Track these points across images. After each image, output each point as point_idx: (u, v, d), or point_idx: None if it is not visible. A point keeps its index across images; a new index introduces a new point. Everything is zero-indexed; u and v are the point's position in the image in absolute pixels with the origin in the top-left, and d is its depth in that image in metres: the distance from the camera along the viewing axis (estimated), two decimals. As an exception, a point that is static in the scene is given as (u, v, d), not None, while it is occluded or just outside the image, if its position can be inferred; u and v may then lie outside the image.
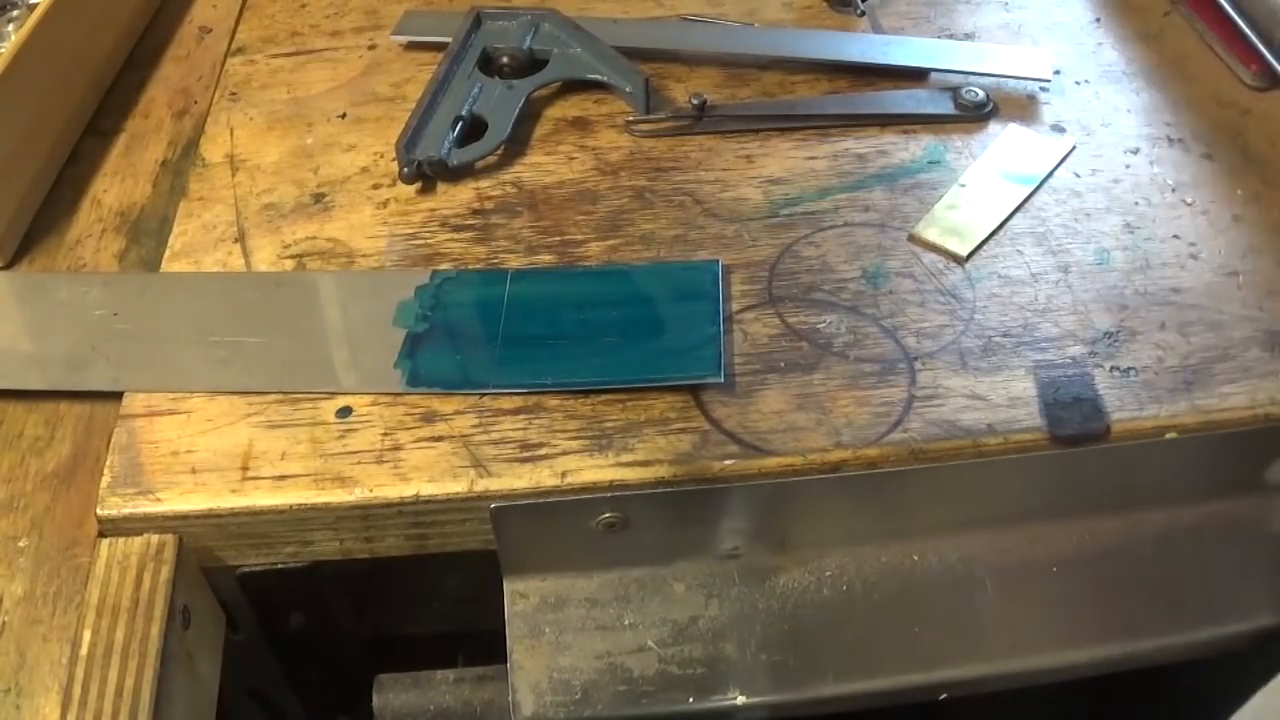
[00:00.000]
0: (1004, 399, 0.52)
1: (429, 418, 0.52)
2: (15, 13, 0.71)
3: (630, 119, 0.68)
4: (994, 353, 0.54)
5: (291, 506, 0.50)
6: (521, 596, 0.53)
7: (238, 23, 0.78)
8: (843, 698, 0.52)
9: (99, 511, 0.49)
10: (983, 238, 0.60)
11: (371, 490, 0.50)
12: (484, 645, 0.55)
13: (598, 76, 0.70)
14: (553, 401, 0.53)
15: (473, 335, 0.54)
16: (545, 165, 0.66)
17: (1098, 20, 0.75)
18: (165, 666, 0.45)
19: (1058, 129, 0.67)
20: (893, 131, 0.67)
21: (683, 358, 0.53)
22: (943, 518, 0.54)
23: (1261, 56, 0.69)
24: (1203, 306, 0.56)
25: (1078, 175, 0.64)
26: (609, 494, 0.50)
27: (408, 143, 0.64)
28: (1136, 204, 0.62)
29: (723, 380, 0.52)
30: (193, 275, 0.59)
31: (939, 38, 0.73)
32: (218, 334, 0.55)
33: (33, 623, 0.47)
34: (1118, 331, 0.55)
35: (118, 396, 0.54)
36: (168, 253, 0.61)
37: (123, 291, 0.57)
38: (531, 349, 0.54)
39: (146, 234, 0.63)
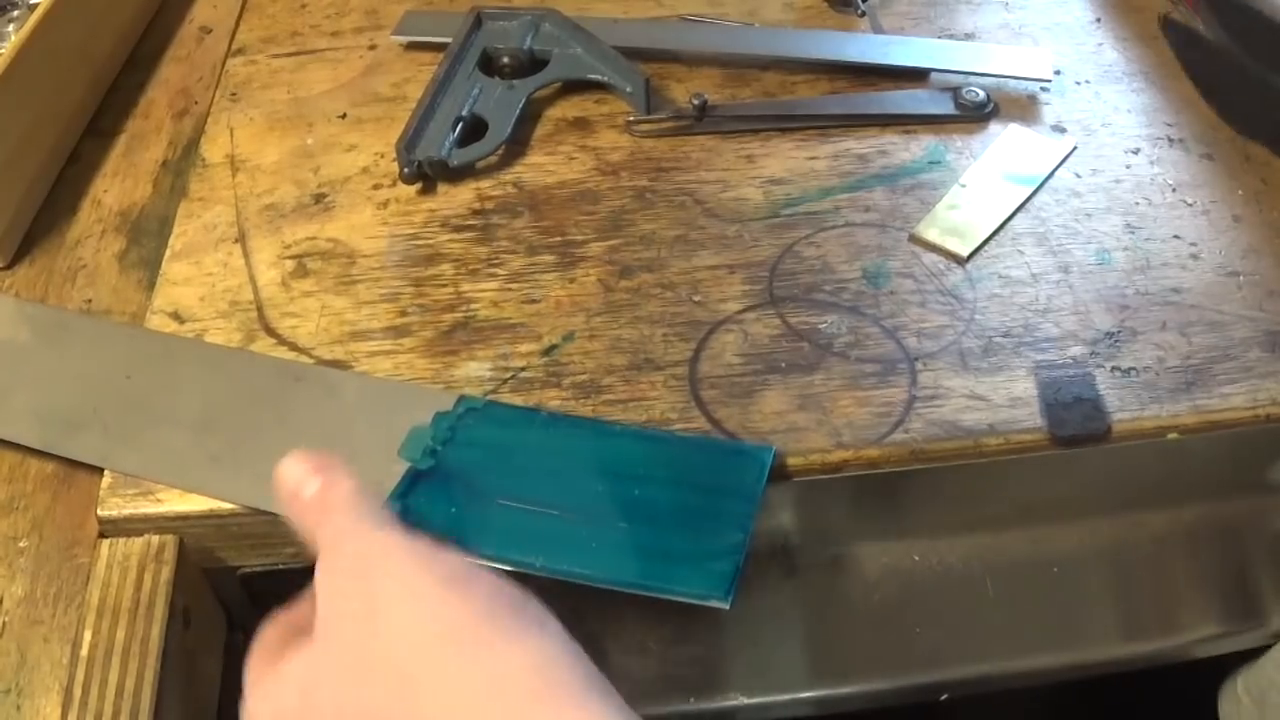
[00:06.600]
0: (1005, 399, 0.52)
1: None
2: (15, 13, 0.71)
3: (631, 119, 0.68)
4: (995, 353, 0.54)
5: (292, 507, 0.50)
6: (522, 597, 0.53)
7: (238, 23, 0.78)
8: (843, 698, 0.52)
9: (100, 512, 0.49)
10: (983, 238, 0.60)
11: (372, 491, 0.50)
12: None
13: (598, 77, 0.70)
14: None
15: (475, 486, 0.50)
16: (546, 165, 0.66)
17: (1098, 20, 0.75)
18: (166, 667, 0.45)
19: (1058, 129, 0.67)
20: (893, 132, 0.67)
21: (692, 566, 0.47)
22: (943, 518, 0.54)
23: (1262, 56, 0.69)
24: (1203, 307, 0.56)
25: (1078, 175, 0.64)
26: (610, 495, 0.50)
27: (408, 143, 0.64)
28: (1137, 204, 0.62)
29: (728, 606, 0.46)
30: (215, 348, 0.56)
31: (939, 38, 0.74)
32: (220, 422, 0.52)
33: (33, 623, 0.47)
34: (1118, 332, 0.55)
35: (118, 397, 0.54)
36: (168, 253, 0.61)
37: (145, 351, 0.55)
38: (530, 520, 0.49)
39: (147, 234, 0.63)
